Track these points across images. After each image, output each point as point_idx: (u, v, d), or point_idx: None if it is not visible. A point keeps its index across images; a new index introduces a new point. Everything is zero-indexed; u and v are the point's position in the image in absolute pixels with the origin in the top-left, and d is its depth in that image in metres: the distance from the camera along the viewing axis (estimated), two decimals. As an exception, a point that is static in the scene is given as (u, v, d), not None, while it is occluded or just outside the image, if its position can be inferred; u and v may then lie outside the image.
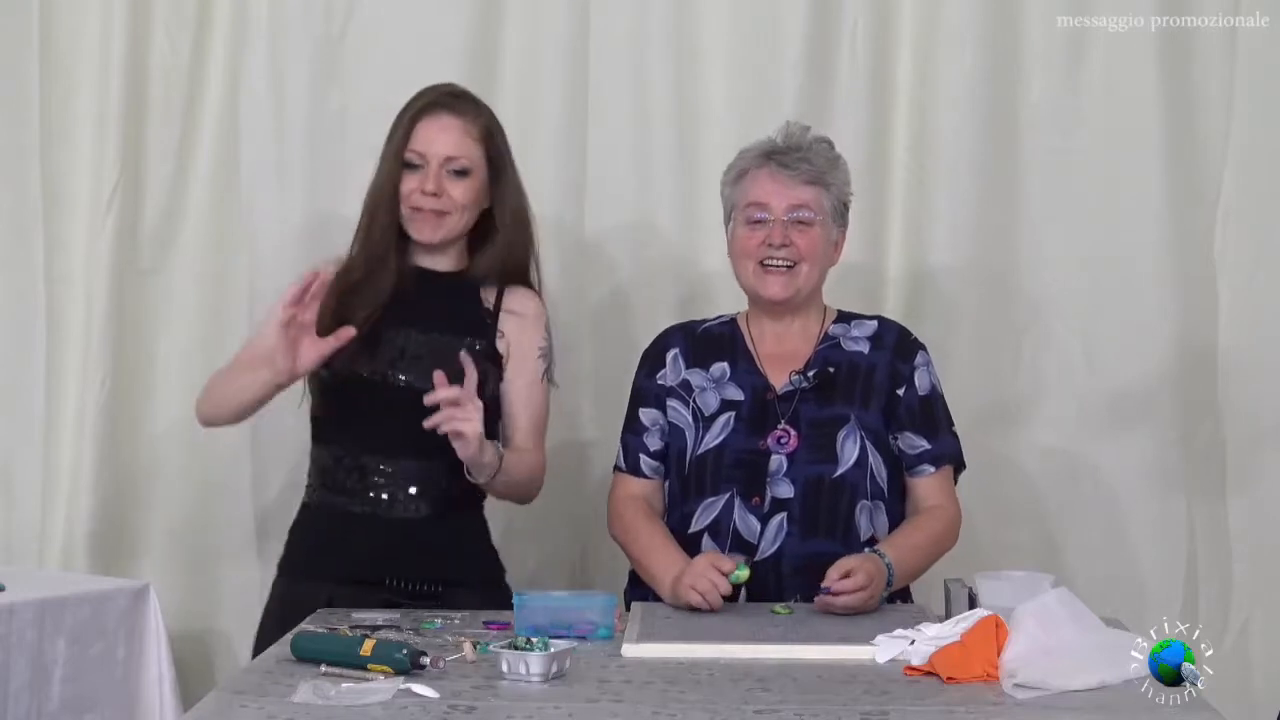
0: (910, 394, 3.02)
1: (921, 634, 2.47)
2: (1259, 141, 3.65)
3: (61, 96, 3.70)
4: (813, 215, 3.00)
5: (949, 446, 3.05)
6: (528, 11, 3.69)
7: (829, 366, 3.01)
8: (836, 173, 3.04)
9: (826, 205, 3.02)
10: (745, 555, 2.85)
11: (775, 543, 2.92)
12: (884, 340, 3.06)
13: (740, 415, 2.99)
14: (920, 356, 3.06)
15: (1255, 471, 3.67)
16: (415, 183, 3.01)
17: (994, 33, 3.65)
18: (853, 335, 3.06)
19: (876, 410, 2.99)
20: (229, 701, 2.22)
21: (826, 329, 3.08)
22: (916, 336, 3.10)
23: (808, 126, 3.08)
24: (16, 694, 3.10)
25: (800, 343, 3.06)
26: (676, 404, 3.05)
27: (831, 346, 3.05)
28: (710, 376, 3.05)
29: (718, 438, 2.99)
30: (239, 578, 3.73)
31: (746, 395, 3.01)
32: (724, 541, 2.93)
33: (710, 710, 2.17)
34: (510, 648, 2.32)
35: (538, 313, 3.11)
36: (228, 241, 3.73)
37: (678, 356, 3.09)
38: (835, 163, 3.05)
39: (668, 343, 3.12)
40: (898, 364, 3.03)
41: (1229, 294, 3.67)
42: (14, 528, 3.73)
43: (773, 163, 3.02)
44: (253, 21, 3.69)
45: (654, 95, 3.68)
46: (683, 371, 3.07)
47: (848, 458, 2.95)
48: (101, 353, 3.66)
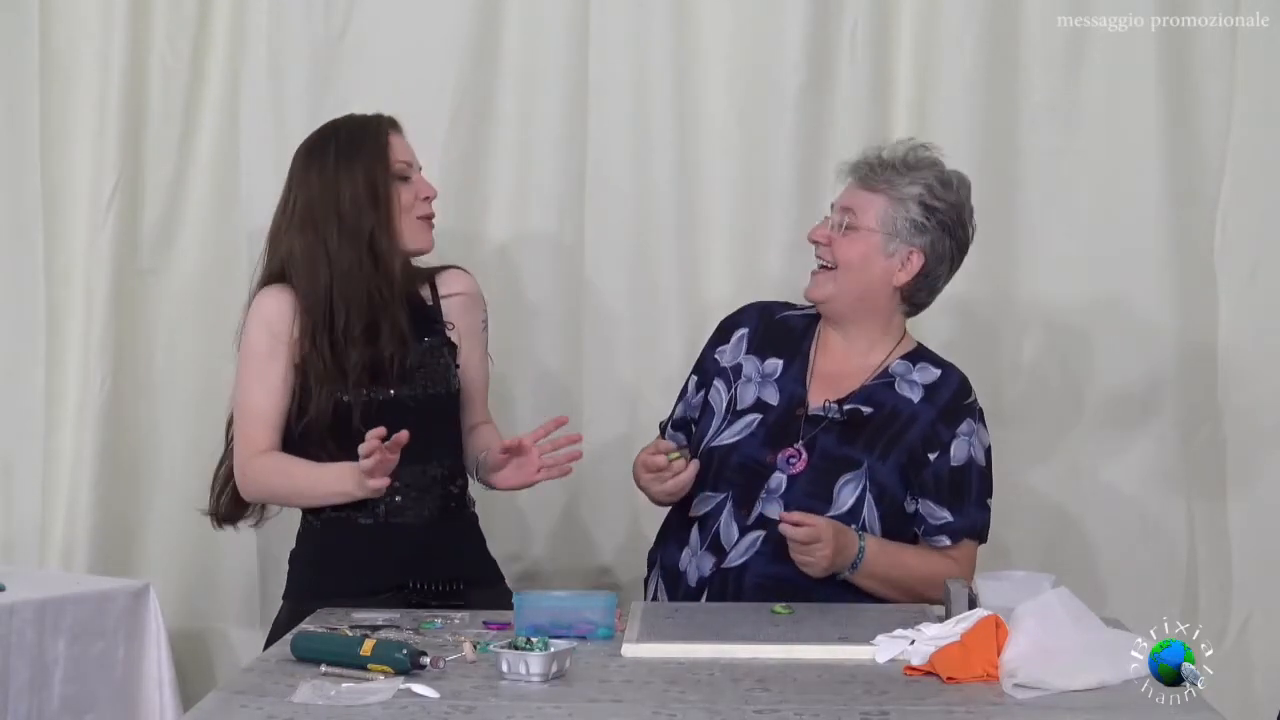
0: (941, 461, 2.94)
1: (921, 634, 2.47)
2: (1259, 141, 3.65)
3: (61, 97, 3.70)
4: (858, 220, 2.94)
5: (974, 520, 2.97)
6: (528, 11, 3.69)
7: (868, 406, 2.95)
8: (905, 185, 2.94)
9: (880, 213, 2.94)
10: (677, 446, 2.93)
11: (745, 555, 2.92)
12: (938, 395, 2.97)
13: (765, 422, 2.97)
14: (966, 425, 2.96)
15: (1255, 471, 3.68)
16: (413, 193, 3.02)
17: (994, 33, 3.65)
18: (912, 378, 2.98)
19: (894, 466, 2.93)
20: (229, 701, 2.22)
21: (889, 363, 3.00)
22: (975, 399, 3.00)
23: (925, 145, 3.01)
24: (16, 694, 3.10)
25: (858, 368, 3.00)
26: (721, 385, 3.04)
27: (884, 384, 2.98)
28: (762, 370, 3.02)
29: (736, 436, 2.98)
30: (239, 578, 3.74)
31: (780, 403, 2.98)
32: (705, 537, 2.94)
33: (710, 710, 2.17)
34: (510, 648, 2.32)
35: (474, 288, 3.15)
36: (228, 241, 3.73)
37: (744, 338, 3.07)
38: (911, 177, 2.94)
39: (741, 320, 3.10)
40: (939, 426, 2.95)
41: (1229, 294, 3.67)
42: (14, 527, 3.74)
43: (852, 166, 3.01)
44: (253, 21, 3.69)
45: (654, 95, 3.68)
46: (741, 355, 3.05)
47: (842, 503, 2.91)
48: (101, 352, 3.66)
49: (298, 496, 3.00)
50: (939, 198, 2.96)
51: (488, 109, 3.67)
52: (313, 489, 2.96)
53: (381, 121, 3.06)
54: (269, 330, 2.99)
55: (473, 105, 3.66)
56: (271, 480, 2.99)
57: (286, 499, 3.05)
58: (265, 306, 3.01)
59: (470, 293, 3.14)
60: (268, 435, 2.98)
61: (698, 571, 2.95)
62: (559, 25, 3.67)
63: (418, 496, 2.99)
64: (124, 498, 3.71)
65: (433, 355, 3.04)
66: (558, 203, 3.68)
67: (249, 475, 3.00)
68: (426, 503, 2.99)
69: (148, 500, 3.74)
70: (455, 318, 3.10)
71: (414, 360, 3.00)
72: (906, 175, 2.96)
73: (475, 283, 3.17)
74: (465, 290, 3.13)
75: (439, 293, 3.11)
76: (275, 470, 2.98)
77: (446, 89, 3.64)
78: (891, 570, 2.90)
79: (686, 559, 2.98)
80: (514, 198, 3.70)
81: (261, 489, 3.03)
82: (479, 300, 3.16)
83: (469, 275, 3.16)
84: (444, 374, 3.04)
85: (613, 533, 3.68)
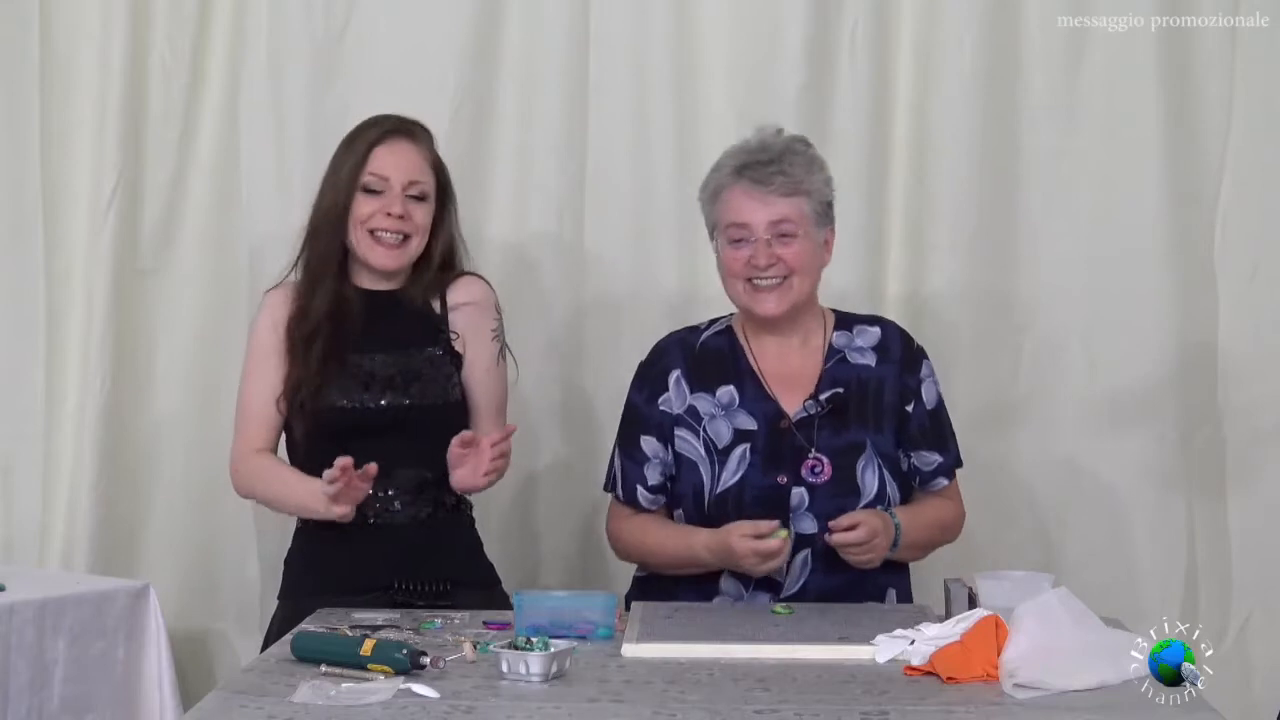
0: (920, 410, 3.00)
1: (921, 634, 2.47)
2: (1259, 142, 3.65)
3: (61, 96, 3.70)
4: (795, 227, 2.94)
5: (954, 453, 3.06)
6: (528, 12, 3.69)
7: (838, 387, 2.97)
8: (814, 176, 2.96)
9: (808, 212, 2.95)
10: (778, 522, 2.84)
11: (800, 579, 2.91)
12: (889, 351, 3.01)
13: (755, 448, 2.95)
14: (925, 367, 3.03)
15: (1255, 471, 3.67)
16: (375, 205, 3.02)
17: (994, 33, 3.65)
18: (857, 345, 3.01)
19: (889, 432, 2.97)
20: (229, 701, 2.22)
21: (830, 340, 3.02)
22: (918, 343, 3.07)
23: (780, 129, 3.02)
24: (16, 694, 3.10)
25: (804, 359, 3.01)
26: (686, 434, 2.98)
27: (838, 362, 3.00)
28: (718, 403, 2.98)
29: (735, 474, 2.94)
30: (239, 578, 3.74)
31: (760, 424, 2.96)
32: (747, 580, 2.91)
33: (710, 710, 2.17)
34: (510, 648, 2.32)
35: (485, 296, 3.12)
36: (228, 241, 3.73)
37: (680, 380, 3.01)
38: (811, 165, 2.97)
39: (667, 363, 3.04)
40: (905, 378, 3.00)
41: (1228, 294, 3.67)
42: (14, 527, 3.73)
43: (746, 179, 2.94)
44: (253, 21, 3.69)
45: (654, 95, 3.68)
46: (688, 397, 3.00)
47: (869, 490, 2.92)
48: (101, 352, 3.66)
49: (278, 503, 3.06)
50: (826, 169, 3.01)
51: (488, 109, 3.67)
52: (289, 501, 3.01)
53: (383, 131, 3.05)
54: (273, 329, 3.03)
55: (473, 105, 3.66)
56: (256, 484, 3.06)
57: (269, 504, 3.11)
58: (272, 304, 3.06)
59: (478, 301, 3.11)
60: (263, 434, 3.04)
61: None
62: (559, 25, 3.67)
63: (409, 500, 3.00)
64: (124, 498, 3.71)
65: (433, 365, 3.04)
66: (558, 203, 3.68)
67: (240, 473, 3.07)
68: (418, 505, 3.00)
69: (148, 500, 3.74)
70: (461, 327, 3.08)
71: (414, 369, 3.01)
72: (807, 165, 2.96)
73: (487, 291, 3.13)
74: (473, 299, 3.10)
75: (448, 302, 3.09)
76: (262, 475, 3.04)
77: (446, 89, 3.64)
78: (920, 533, 2.94)
79: None
80: (514, 198, 3.70)
81: (249, 490, 3.09)
82: (488, 309, 3.12)
83: (481, 283, 3.13)
84: (443, 384, 3.04)
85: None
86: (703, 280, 3.66)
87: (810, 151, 3.00)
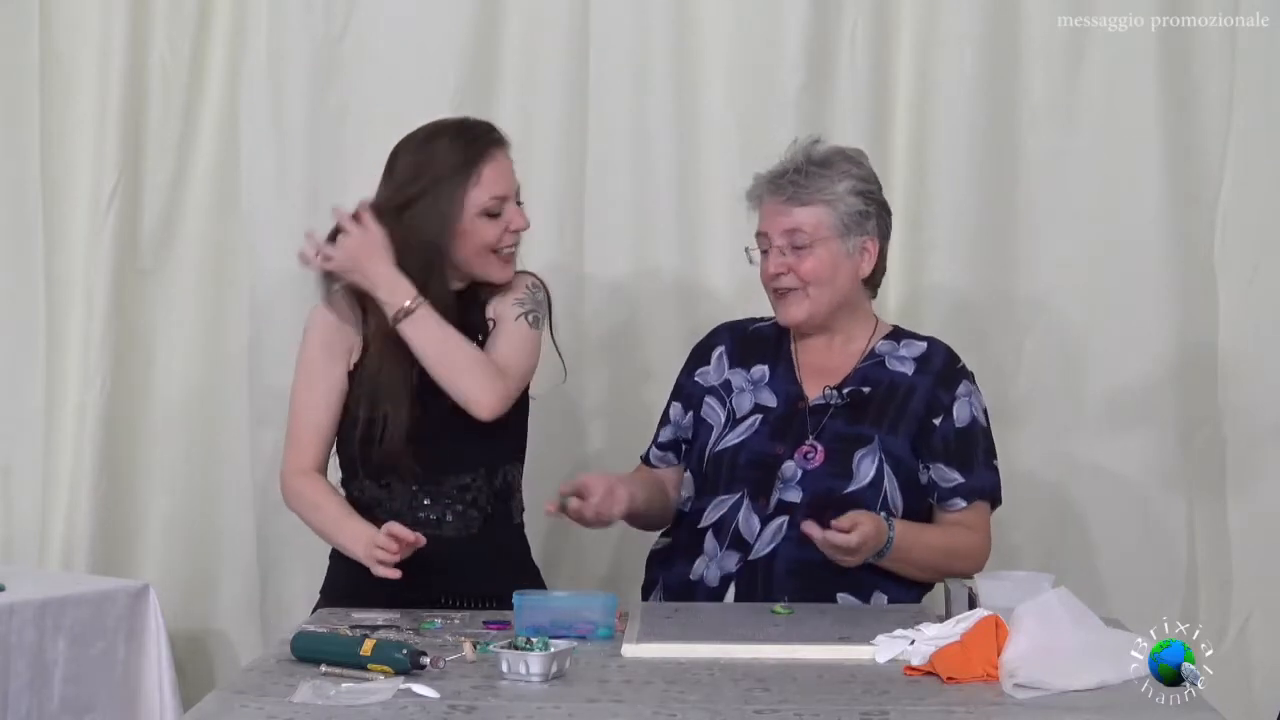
0: (947, 424, 2.96)
1: (921, 634, 2.47)
2: (1259, 141, 3.65)
3: (61, 96, 3.70)
4: (809, 238, 2.94)
5: (985, 481, 2.99)
6: (528, 13, 3.69)
7: (865, 386, 2.97)
8: (836, 185, 2.95)
9: (828, 221, 2.95)
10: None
11: (771, 543, 2.91)
12: (930, 364, 3.00)
13: (767, 420, 2.98)
14: (964, 386, 2.99)
15: (1255, 471, 3.67)
16: (499, 228, 2.93)
17: (994, 33, 3.65)
18: (899, 354, 3.01)
19: (905, 436, 2.95)
20: (229, 701, 2.22)
21: (874, 345, 3.03)
22: (964, 364, 3.04)
23: (816, 139, 3.03)
24: (16, 694, 3.10)
25: (842, 358, 3.02)
26: (714, 402, 3.04)
27: (875, 364, 3.00)
28: (750, 378, 3.04)
29: (740, 437, 2.98)
30: (239, 578, 3.74)
31: (779, 402, 2.99)
32: (724, 539, 2.93)
33: (710, 710, 2.17)
34: (510, 648, 2.32)
35: (519, 279, 3.01)
36: (228, 241, 3.73)
37: (723, 355, 3.08)
38: (834, 176, 2.96)
39: (715, 340, 3.12)
40: (938, 392, 2.97)
41: (1228, 294, 3.67)
42: (14, 527, 3.74)
43: (769, 188, 2.98)
44: (252, 21, 3.70)
45: (654, 95, 3.68)
46: (726, 371, 3.06)
47: (863, 476, 2.92)
48: (101, 353, 3.66)
49: (319, 532, 2.99)
50: (864, 179, 3.00)
51: (488, 109, 3.66)
52: (332, 539, 2.95)
53: (485, 146, 2.94)
54: (324, 338, 2.96)
55: (473, 105, 3.66)
56: (303, 507, 2.98)
57: (311, 527, 3.01)
58: (324, 314, 2.98)
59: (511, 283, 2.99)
60: (313, 451, 2.96)
61: (719, 570, 2.93)
62: (559, 25, 3.68)
63: (461, 510, 2.94)
64: (124, 498, 3.71)
65: None
66: (558, 203, 3.68)
67: (287, 490, 3.00)
68: (466, 517, 2.95)
69: (147, 501, 3.74)
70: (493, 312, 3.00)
71: None
72: (829, 174, 2.96)
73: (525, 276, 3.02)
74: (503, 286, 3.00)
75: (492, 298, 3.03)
76: (305, 502, 2.96)
77: (446, 89, 3.64)
78: (915, 550, 2.90)
79: (701, 566, 2.95)
80: (513, 198, 3.70)
81: (294, 508, 3.01)
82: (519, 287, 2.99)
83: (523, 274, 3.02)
84: None
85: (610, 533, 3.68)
86: (703, 280, 3.67)
87: (844, 163, 2.98)
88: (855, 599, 2.91)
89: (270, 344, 3.60)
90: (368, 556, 2.79)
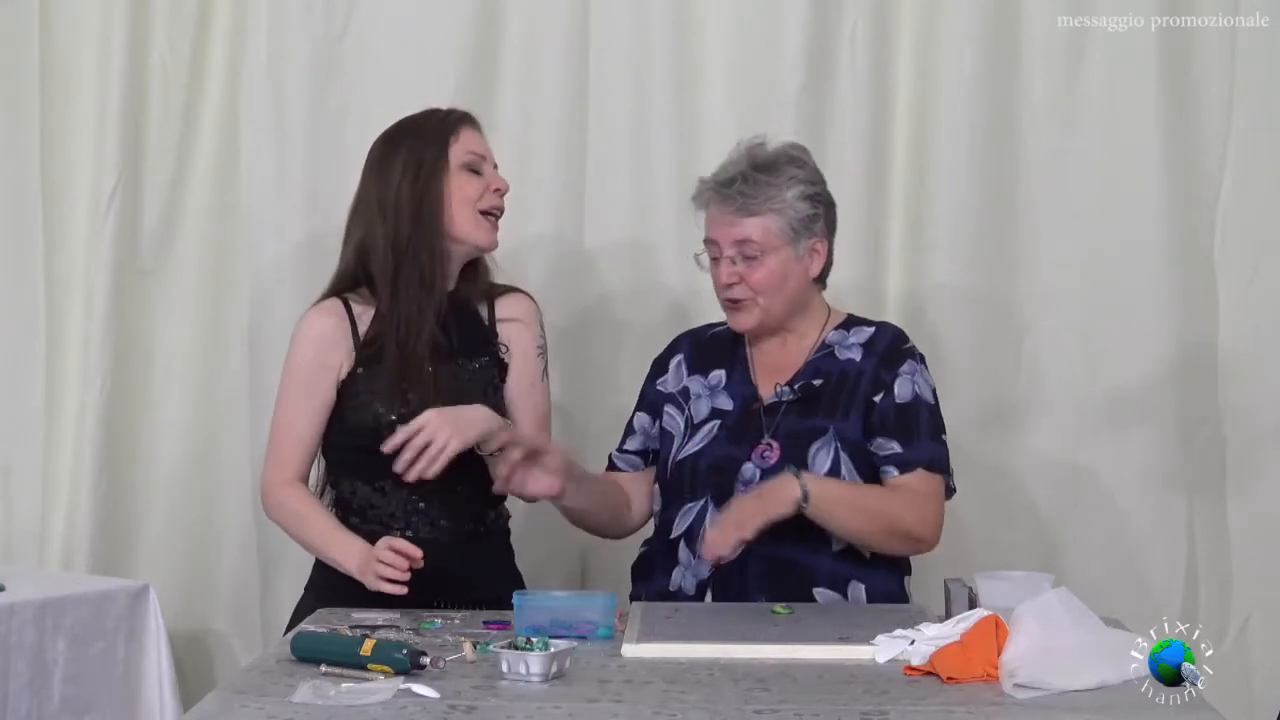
0: (887, 401, 2.95)
1: (921, 634, 2.47)
2: (1259, 141, 3.65)
3: (61, 96, 3.70)
4: (759, 248, 2.93)
5: (925, 452, 2.94)
6: (528, 13, 3.69)
7: (816, 379, 2.98)
8: (784, 192, 2.92)
9: (777, 229, 2.93)
10: None
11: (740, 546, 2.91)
12: (875, 346, 3.01)
13: (725, 424, 2.99)
14: (907, 365, 2.97)
15: (1255, 471, 3.67)
16: (481, 184, 2.99)
17: (994, 33, 3.65)
18: (849, 343, 3.01)
19: (856, 419, 2.95)
20: (229, 701, 2.21)
21: (825, 336, 3.03)
22: (913, 345, 3.03)
23: (760, 141, 3.00)
24: (16, 694, 3.10)
25: (795, 354, 3.03)
26: (673, 410, 3.06)
27: (825, 356, 3.01)
28: (708, 384, 3.05)
29: (699, 445, 2.99)
30: (239, 578, 3.74)
31: (735, 405, 3.01)
32: (695, 546, 2.93)
33: (710, 710, 2.17)
34: (510, 648, 2.32)
35: (531, 313, 3.10)
36: (228, 241, 3.73)
37: (681, 363, 3.10)
38: (781, 183, 2.93)
39: (675, 349, 3.13)
40: (881, 371, 2.97)
41: (1228, 294, 3.67)
42: (14, 527, 3.74)
43: (716, 195, 2.96)
44: (252, 21, 3.70)
45: (654, 95, 3.68)
46: (684, 379, 3.08)
47: (819, 467, 2.91)
48: (101, 353, 3.66)
49: (305, 545, 2.99)
50: (811, 181, 2.98)
51: (488, 109, 3.66)
52: (318, 548, 2.95)
53: (459, 117, 3.02)
54: (315, 351, 2.96)
55: (473, 105, 3.64)
56: (287, 518, 2.98)
57: (295, 539, 3.01)
58: (314, 325, 2.98)
59: (525, 319, 3.07)
60: (296, 463, 2.97)
61: (695, 578, 2.94)
62: (559, 25, 3.68)
63: (449, 514, 2.95)
64: (124, 498, 3.71)
65: (477, 377, 2.99)
66: (558, 203, 3.68)
67: (269, 501, 2.99)
68: (456, 522, 2.96)
69: (147, 501, 3.74)
70: (508, 338, 3.05)
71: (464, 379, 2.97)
72: (776, 182, 2.94)
73: (535, 308, 3.10)
74: (520, 316, 3.06)
75: (497, 314, 3.06)
76: (294, 511, 2.96)
77: (446, 89, 3.63)
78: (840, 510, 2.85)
79: (679, 576, 2.97)
80: (514, 198, 3.68)
81: (276, 518, 3.01)
82: (531, 325, 3.08)
83: (530, 300, 3.10)
84: (490, 399, 2.96)
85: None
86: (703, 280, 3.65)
87: (791, 168, 2.96)
88: (834, 593, 2.91)
89: (270, 344, 3.60)
90: (362, 570, 2.80)
